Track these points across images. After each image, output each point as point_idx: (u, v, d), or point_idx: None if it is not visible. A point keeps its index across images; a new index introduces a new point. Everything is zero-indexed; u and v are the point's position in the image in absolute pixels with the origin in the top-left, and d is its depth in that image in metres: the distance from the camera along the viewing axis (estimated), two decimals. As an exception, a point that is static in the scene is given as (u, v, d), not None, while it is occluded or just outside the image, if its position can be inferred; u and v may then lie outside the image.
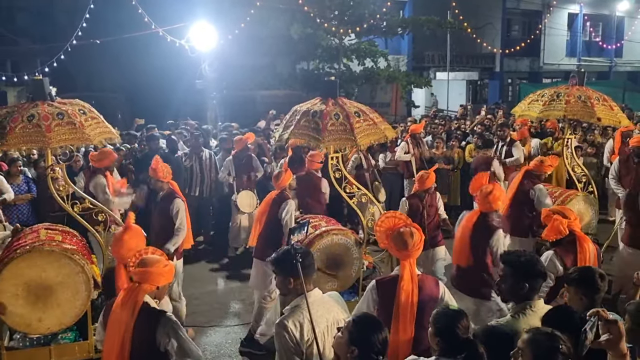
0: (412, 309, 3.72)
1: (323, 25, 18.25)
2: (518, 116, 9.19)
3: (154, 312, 3.58)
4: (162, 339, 3.51)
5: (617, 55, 31.87)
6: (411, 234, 3.88)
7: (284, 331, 3.20)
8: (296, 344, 3.20)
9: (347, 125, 5.63)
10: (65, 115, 5.12)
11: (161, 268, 3.62)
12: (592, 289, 3.44)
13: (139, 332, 3.48)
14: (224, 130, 11.63)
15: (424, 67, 26.19)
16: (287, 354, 3.22)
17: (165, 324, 3.54)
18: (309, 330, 3.20)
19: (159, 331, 3.51)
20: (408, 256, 3.85)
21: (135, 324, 3.47)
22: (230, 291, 7.78)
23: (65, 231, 5.82)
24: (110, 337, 3.55)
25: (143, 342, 3.49)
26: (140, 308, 3.51)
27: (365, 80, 20.33)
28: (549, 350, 2.57)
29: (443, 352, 2.99)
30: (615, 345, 2.47)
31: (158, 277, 3.61)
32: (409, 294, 3.74)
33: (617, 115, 7.36)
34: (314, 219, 6.38)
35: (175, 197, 6.14)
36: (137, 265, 3.65)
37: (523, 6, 28.38)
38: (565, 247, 4.72)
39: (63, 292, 5.04)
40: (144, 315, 3.51)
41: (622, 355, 2.48)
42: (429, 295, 3.83)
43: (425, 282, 3.89)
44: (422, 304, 3.77)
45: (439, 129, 12.33)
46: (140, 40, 14.83)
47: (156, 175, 6.15)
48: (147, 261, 3.64)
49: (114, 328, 3.52)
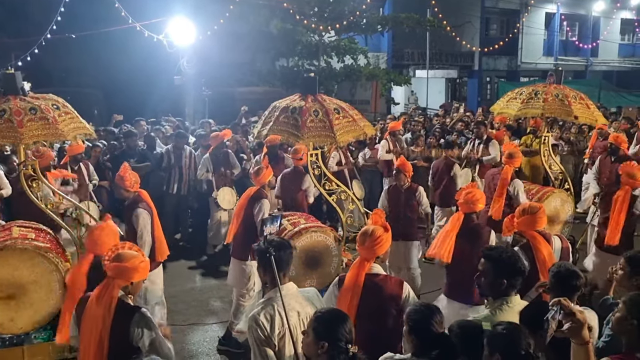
0: (352, 298, 3.76)
1: (303, 21, 18.20)
2: (497, 114, 9.27)
3: (129, 307, 3.58)
4: (136, 334, 3.50)
5: (593, 54, 32.40)
6: (371, 232, 3.89)
7: (255, 324, 3.29)
8: (267, 337, 3.28)
9: (326, 122, 5.60)
10: (38, 110, 4.99)
11: (137, 263, 3.59)
12: (568, 288, 3.46)
13: (115, 327, 3.47)
14: (201, 127, 11.54)
15: (404, 64, 26.31)
16: (259, 347, 3.28)
17: (140, 319, 3.53)
18: (281, 324, 3.28)
19: (132, 326, 3.49)
20: (362, 254, 3.90)
21: (112, 319, 3.46)
22: (209, 289, 7.72)
23: (39, 228, 5.70)
24: (86, 332, 3.52)
25: (120, 337, 3.48)
26: (116, 304, 3.50)
27: (345, 78, 20.35)
28: (510, 346, 2.68)
29: (418, 349, 3.00)
30: (578, 333, 2.52)
31: (133, 272, 3.57)
32: (350, 281, 3.81)
33: (594, 113, 7.47)
34: (293, 216, 6.35)
35: (138, 207, 5.58)
36: (112, 260, 3.59)
37: (501, 5, 28.68)
38: (526, 244, 4.74)
39: (36, 291, 4.93)
40: (120, 311, 3.50)
41: (585, 343, 2.52)
42: (389, 294, 3.83)
43: (387, 282, 3.89)
44: (383, 303, 3.80)
45: (418, 127, 12.38)
46: (117, 35, 14.62)
47: (123, 184, 5.62)
48: (123, 256, 3.59)
49: (90, 324, 3.49)
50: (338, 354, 2.84)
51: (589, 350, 2.55)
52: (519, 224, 4.74)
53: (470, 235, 5.07)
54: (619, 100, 22.39)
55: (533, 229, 4.72)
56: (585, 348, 2.54)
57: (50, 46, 13.99)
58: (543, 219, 4.74)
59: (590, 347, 2.56)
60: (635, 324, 2.85)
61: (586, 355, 2.54)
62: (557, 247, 4.84)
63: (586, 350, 2.54)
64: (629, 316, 2.87)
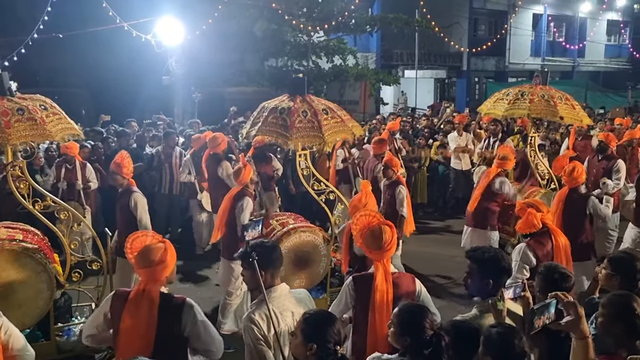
0: (387, 307, 3.71)
1: (291, 22, 18.21)
2: (484, 114, 9.34)
3: (175, 300, 3.45)
4: (189, 324, 3.39)
5: (579, 55, 32.70)
6: (381, 233, 3.84)
7: (251, 324, 3.28)
8: (264, 336, 3.28)
9: (315, 122, 5.63)
10: (26, 111, 4.97)
11: (164, 258, 3.42)
12: (555, 287, 3.52)
13: (163, 323, 3.36)
14: (189, 127, 11.51)
15: (393, 65, 26.38)
16: (256, 347, 3.27)
17: (189, 308, 3.43)
18: (277, 323, 3.28)
19: (184, 316, 3.39)
20: (380, 256, 3.81)
21: (157, 316, 3.36)
22: (197, 289, 7.70)
23: (27, 230, 5.68)
24: (129, 330, 3.37)
25: (168, 331, 3.37)
26: (159, 300, 3.39)
27: (334, 78, 20.35)
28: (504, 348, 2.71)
29: (409, 349, 3.00)
30: (576, 327, 2.55)
31: (163, 271, 3.44)
32: (384, 294, 3.74)
33: (579, 114, 7.58)
34: (282, 216, 6.37)
35: (134, 192, 6.01)
36: (140, 265, 3.45)
37: (489, 6, 28.83)
38: (538, 240, 4.82)
39: (24, 292, 4.93)
40: (165, 305, 3.39)
41: (584, 337, 2.56)
42: (405, 291, 3.83)
43: (402, 279, 3.90)
44: (399, 301, 3.78)
45: (406, 127, 12.43)
46: (105, 34, 14.53)
47: (120, 171, 5.97)
48: (147, 258, 3.42)
49: (133, 322, 3.36)
50: (326, 355, 2.85)
51: (589, 344, 2.60)
52: (543, 218, 4.84)
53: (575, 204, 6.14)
54: (605, 100, 22.64)
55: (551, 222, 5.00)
56: (585, 342, 2.59)
57: (37, 46, 13.86)
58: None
59: (589, 341, 2.60)
60: (622, 325, 2.90)
61: (586, 349, 2.59)
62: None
63: (586, 344, 2.59)
64: (610, 318, 2.92)
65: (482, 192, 7.14)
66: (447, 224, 10.84)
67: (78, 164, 8.08)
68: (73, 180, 7.99)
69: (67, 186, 7.95)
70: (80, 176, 8.05)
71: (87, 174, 8.17)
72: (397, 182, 7.08)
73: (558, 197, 6.43)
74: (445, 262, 8.30)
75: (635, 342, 2.90)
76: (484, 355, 2.79)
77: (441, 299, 6.99)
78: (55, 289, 5.15)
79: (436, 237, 10.10)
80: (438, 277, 7.92)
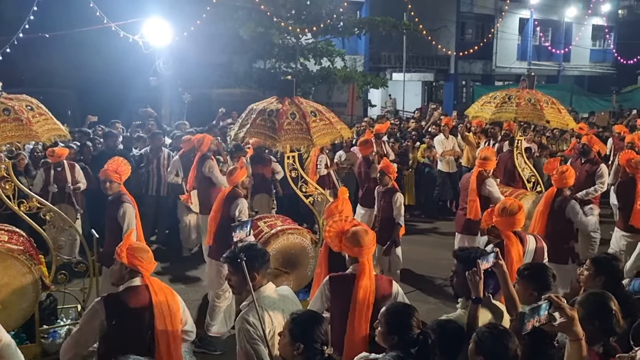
0: (368, 306, 3.75)
1: (279, 24, 18.20)
2: (472, 117, 9.42)
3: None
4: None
5: (565, 59, 33.05)
6: (365, 232, 3.92)
7: (246, 324, 3.28)
8: (260, 336, 3.28)
9: (303, 124, 5.64)
10: (12, 111, 4.93)
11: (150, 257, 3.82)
12: (544, 285, 3.57)
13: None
14: (177, 128, 11.46)
15: (381, 67, 26.45)
16: (253, 347, 3.27)
17: None
18: (270, 322, 3.30)
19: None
20: (364, 253, 3.87)
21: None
22: (184, 291, 7.65)
23: (12, 231, 5.62)
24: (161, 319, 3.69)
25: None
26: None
27: (322, 80, 20.36)
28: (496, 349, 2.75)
29: (398, 348, 3.01)
30: (569, 328, 2.59)
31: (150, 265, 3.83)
32: (367, 292, 3.77)
33: (565, 117, 7.67)
34: (270, 218, 6.37)
35: (124, 202, 5.67)
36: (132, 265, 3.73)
37: (476, 10, 29.02)
38: (501, 244, 4.81)
39: (9, 294, 4.88)
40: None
41: (578, 339, 2.60)
42: (382, 294, 3.87)
43: (380, 281, 3.93)
44: (377, 302, 3.80)
45: (393, 129, 12.49)
46: (92, 35, 14.41)
47: (118, 179, 5.71)
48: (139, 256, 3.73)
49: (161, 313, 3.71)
50: (314, 355, 2.87)
51: (582, 345, 2.65)
52: (497, 223, 4.77)
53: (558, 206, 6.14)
54: (590, 104, 22.88)
55: (510, 230, 4.77)
56: (579, 343, 2.64)
57: (22, 46, 13.72)
58: (521, 221, 4.75)
59: (583, 343, 2.65)
60: (597, 323, 2.96)
61: (580, 350, 2.64)
62: (532, 247, 4.89)
63: (580, 346, 2.64)
64: (586, 316, 2.97)
65: (479, 199, 7.05)
66: (434, 225, 10.90)
67: (67, 165, 8.00)
68: (63, 182, 7.90)
69: (57, 189, 7.87)
70: (70, 178, 7.97)
71: (76, 175, 8.09)
72: (393, 189, 7.01)
73: (545, 197, 6.44)
74: (432, 264, 8.34)
75: (609, 339, 2.99)
76: (475, 355, 2.82)
77: (428, 300, 7.02)
78: (40, 290, 5.10)
79: (423, 238, 10.16)
80: (425, 279, 7.97)
